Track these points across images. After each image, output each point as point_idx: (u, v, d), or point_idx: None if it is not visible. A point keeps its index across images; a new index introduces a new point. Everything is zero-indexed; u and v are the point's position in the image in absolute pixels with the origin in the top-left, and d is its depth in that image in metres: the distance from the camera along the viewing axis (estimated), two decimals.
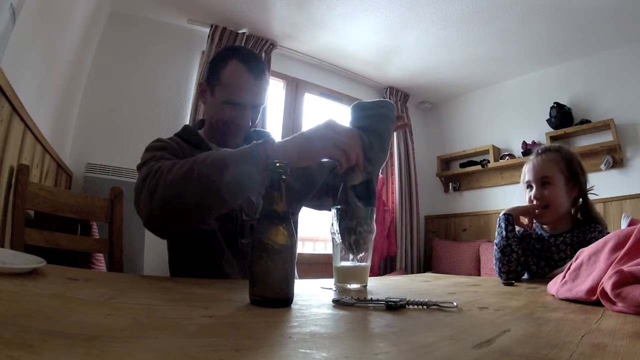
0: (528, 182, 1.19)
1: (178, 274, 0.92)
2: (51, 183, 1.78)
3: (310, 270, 2.74)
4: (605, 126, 2.83)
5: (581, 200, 1.18)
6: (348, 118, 0.82)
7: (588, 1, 2.39)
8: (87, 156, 2.26)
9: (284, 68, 3.15)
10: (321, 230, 3.20)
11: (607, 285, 0.51)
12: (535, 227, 1.22)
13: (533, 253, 1.18)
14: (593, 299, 0.55)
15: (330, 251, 0.74)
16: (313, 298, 0.57)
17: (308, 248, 3.26)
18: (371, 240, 0.70)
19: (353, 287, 0.70)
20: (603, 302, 0.53)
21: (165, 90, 2.66)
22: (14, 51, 1.13)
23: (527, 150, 3.18)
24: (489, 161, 3.52)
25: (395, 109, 0.86)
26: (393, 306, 0.48)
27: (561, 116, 3.03)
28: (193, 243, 0.88)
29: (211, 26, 2.70)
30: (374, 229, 0.71)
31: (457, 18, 2.64)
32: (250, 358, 0.26)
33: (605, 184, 2.65)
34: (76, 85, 2.20)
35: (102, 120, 2.39)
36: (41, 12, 1.36)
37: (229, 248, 0.89)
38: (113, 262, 1.21)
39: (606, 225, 1.14)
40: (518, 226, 1.17)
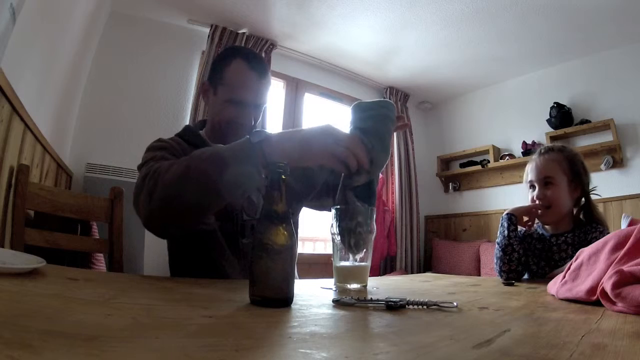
0: (531, 182, 1.19)
1: (178, 274, 0.92)
2: (51, 183, 1.78)
3: (310, 270, 2.74)
4: (605, 126, 2.83)
5: (584, 200, 1.17)
6: (348, 118, 0.82)
7: (588, 1, 2.38)
8: (87, 156, 2.26)
9: (284, 68, 3.15)
10: (321, 230, 3.20)
11: (607, 285, 0.51)
12: (536, 227, 1.22)
13: (534, 253, 1.17)
14: (593, 299, 0.55)
15: (330, 251, 0.74)
16: (313, 298, 0.57)
17: (308, 248, 3.27)
18: (371, 240, 0.70)
19: (353, 287, 0.70)
20: (603, 302, 0.53)
21: (165, 90, 2.66)
22: (14, 51, 1.13)
23: (527, 150, 3.18)
24: (489, 161, 3.51)
25: (395, 109, 0.85)
26: (393, 306, 0.48)
27: (561, 116, 3.03)
28: (193, 243, 0.88)
29: (211, 26, 2.70)
30: (374, 229, 0.71)
31: (457, 18, 2.64)
32: (250, 358, 0.26)
33: (605, 184, 2.64)
34: (76, 85, 2.20)
35: (102, 120, 2.39)
36: (41, 12, 1.36)
37: (230, 248, 0.89)
38: (113, 262, 1.21)
39: (607, 226, 1.14)
40: (520, 226, 1.16)
